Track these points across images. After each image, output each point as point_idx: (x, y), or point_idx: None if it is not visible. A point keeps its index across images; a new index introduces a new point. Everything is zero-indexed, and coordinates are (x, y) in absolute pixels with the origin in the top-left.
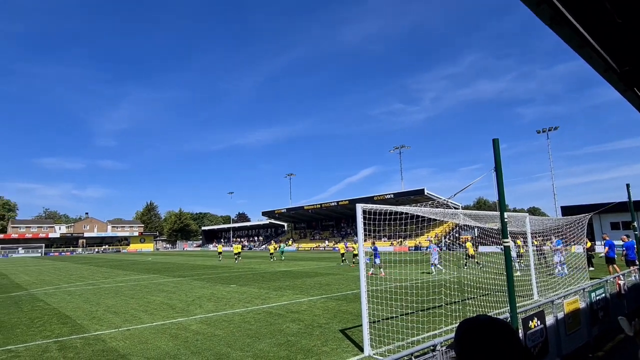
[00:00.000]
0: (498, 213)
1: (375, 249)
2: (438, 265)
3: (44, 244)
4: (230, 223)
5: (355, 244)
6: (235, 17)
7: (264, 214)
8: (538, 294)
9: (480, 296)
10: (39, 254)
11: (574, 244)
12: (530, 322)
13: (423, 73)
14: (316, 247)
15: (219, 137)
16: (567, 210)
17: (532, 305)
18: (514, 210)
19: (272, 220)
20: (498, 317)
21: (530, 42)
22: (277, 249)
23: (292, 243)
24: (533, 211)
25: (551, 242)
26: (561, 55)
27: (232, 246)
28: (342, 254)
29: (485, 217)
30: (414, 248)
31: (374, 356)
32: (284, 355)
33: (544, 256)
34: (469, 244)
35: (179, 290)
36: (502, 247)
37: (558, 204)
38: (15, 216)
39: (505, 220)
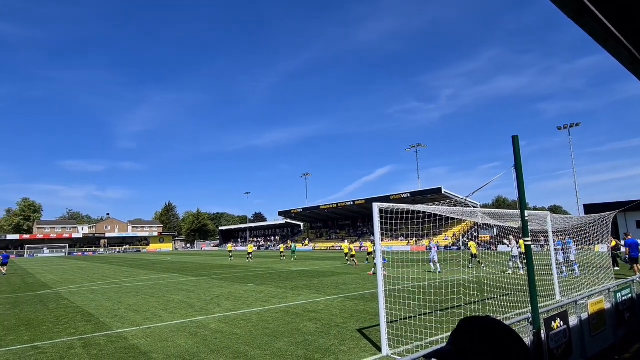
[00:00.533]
0: (518, 211)
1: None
2: (431, 264)
3: (67, 244)
4: (247, 223)
5: (370, 243)
6: (250, 19)
7: (280, 213)
8: (560, 294)
9: (500, 296)
10: (63, 254)
11: (598, 243)
12: (553, 322)
13: (440, 70)
14: (332, 246)
15: (236, 138)
16: (590, 209)
17: (555, 305)
18: (535, 209)
19: (289, 220)
20: (505, 321)
21: (552, 36)
22: (289, 247)
23: (308, 243)
24: (554, 209)
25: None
26: (584, 49)
27: (247, 246)
28: (346, 254)
29: (504, 215)
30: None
31: (392, 356)
32: (302, 354)
33: (567, 256)
34: (471, 243)
35: (197, 289)
36: (517, 247)
37: (581, 202)
38: (40, 217)
39: (526, 218)
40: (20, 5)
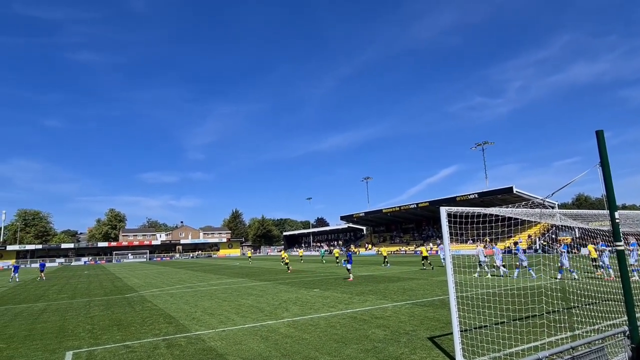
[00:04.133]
0: (606, 212)
1: (349, 255)
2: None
3: (148, 250)
4: (309, 228)
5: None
6: (306, 26)
7: (342, 218)
8: None
9: (586, 305)
10: (145, 259)
11: None
12: None
13: (506, 62)
14: (397, 250)
15: (296, 145)
16: None
17: None
18: (624, 207)
19: (351, 225)
20: (597, 333)
21: (636, 13)
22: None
23: (371, 247)
24: None
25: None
26: None
27: (317, 250)
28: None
29: (588, 216)
30: (504, 251)
31: None
32: None
33: None
34: (422, 248)
35: (266, 293)
36: (614, 249)
37: None
38: (125, 226)
39: (617, 220)
40: (100, 34)
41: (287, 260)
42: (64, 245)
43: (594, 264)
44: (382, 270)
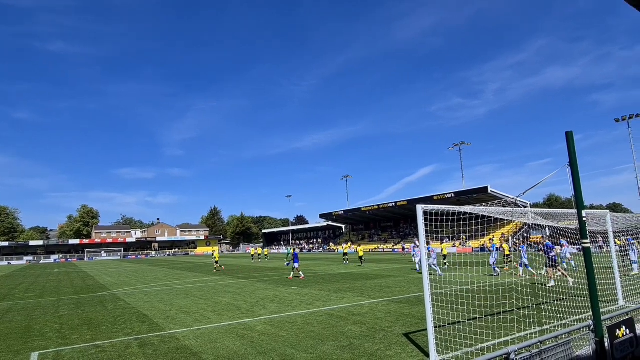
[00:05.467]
0: (574, 211)
1: (295, 255)
2: (433, 266)
3: (122, 248)
4: (289, 226)
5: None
6: (289, 23)
7: (321, 216)
8: (624, 299)
9: (555, 301)
10: (119, 257)
11: None
12: (618, 330)
13: (484, 64)
14: (375, 248)
15: (277, 142)
16: None
17: (619, 312)
18: (592, 207)
19: (330, 223)
20: (564, 328)
21: (608, 20)
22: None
23: (350, 245)
24: (614, 207)
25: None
26: None
27: (287, 248)
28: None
29: (558, 215)
30: (478, 249)
31: None
32: (348, 358)
33: (629, 257)
34: (359, 248)
35: (243, 291)
36: (581, 247)
37: None
38: (98, 223)
39: (584, 219)
40: (76, 25)
41: (217, 259)
42: (32, 243)
43: (505, 259)
44: (361, 268)
